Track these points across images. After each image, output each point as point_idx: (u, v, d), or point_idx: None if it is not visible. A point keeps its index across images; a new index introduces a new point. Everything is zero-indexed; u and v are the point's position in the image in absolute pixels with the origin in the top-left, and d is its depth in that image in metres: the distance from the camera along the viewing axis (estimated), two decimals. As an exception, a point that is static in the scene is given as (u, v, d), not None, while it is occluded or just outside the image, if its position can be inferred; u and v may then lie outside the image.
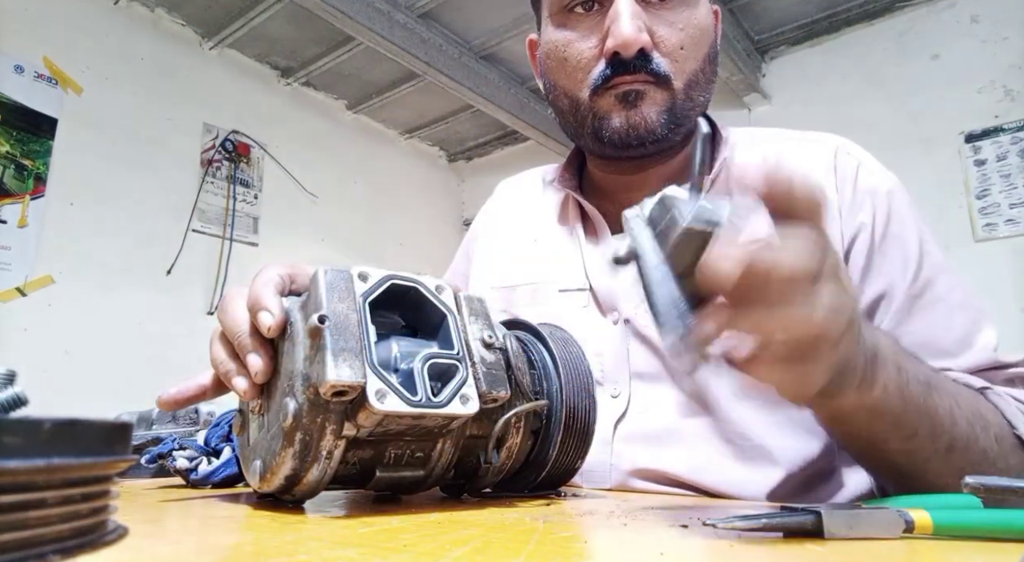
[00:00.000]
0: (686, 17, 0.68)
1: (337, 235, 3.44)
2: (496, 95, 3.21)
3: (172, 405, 0.47)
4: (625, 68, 0.65)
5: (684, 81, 0.67)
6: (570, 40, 0.69)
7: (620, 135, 0.67)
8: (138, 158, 2.68)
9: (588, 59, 0.68)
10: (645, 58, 0.65)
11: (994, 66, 2.63)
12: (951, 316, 0.62)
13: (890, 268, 0.64)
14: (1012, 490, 0.32)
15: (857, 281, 0.64)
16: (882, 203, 0.67)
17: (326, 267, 0.39)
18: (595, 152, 0.74)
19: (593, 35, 0.68)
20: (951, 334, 0.61)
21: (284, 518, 0.36)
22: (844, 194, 0.68)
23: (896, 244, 0.65)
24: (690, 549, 0.29)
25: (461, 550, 0.26)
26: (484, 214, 0.95)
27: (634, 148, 0.68)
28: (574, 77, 0.69)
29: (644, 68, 0.65)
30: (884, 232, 0.65)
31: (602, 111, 0.68)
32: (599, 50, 0.67)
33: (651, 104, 0.66)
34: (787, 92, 3.09)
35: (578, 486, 0.65)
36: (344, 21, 2.59)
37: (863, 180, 0.68)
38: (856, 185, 0.68)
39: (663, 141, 0.68)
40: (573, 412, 0.49)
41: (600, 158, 0.75)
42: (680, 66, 0.67)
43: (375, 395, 0.36)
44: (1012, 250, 2.50)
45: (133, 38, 2.75)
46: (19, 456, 0.21)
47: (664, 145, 0.69)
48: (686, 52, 0.67)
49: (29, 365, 2.23)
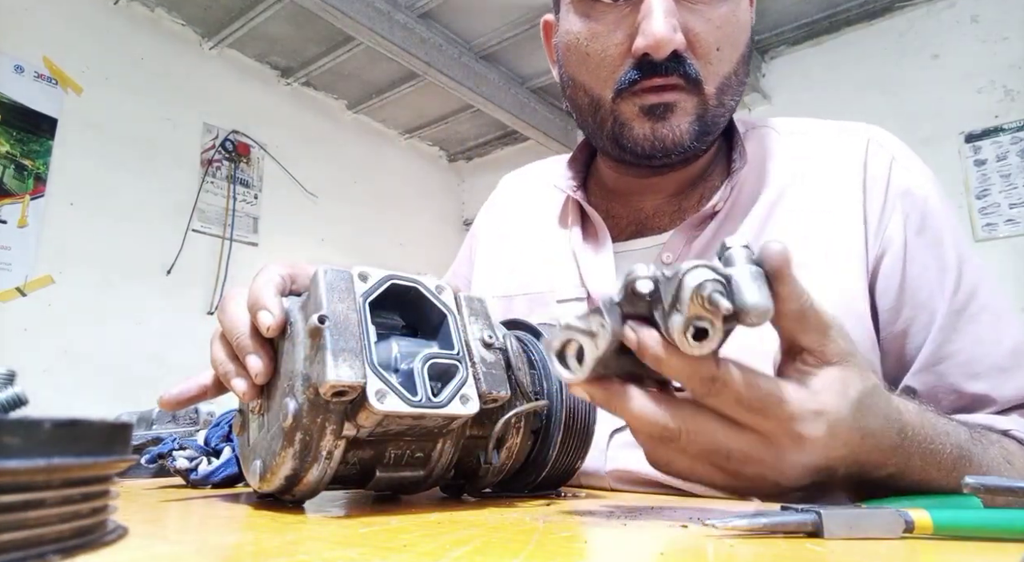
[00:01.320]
0: (726, 13, 0.60)
1: (337, 235, 3.44)
2: (496, 95, 3.21)
3: (174, 405, 0.47)
4: (655, 70, 0.59)
5: (717, 85, 0.61)
6: (595, 33, 0.62)
7: (643, 146, 0.62)
8: (138, 158, 2.68)
9: (614, 57, 0.61)
10: (678, 60, 0.58)
11: (994, 66, 2.63)
12: (999, 325, 0.58)
13: (928, 283, 0.59)
14: (1012, 490, 0.32)
15: (892, 301, 0.60)
16: (916, 208, 0.62)
17: (326, 267, 0.39)
18: (612, 156, 0.69)
19: (620, 29, 0.60)
20: (1002, 346, 0.57)
21: (284, 518, 0.36)
22: (874, 197, 0.63)
23: (933, 254, 0.60)
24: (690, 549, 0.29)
25: (461, 550, 0.26)
26: (486, 212, 0.92)
27: (658, 160, 0.63)
28: (597, 74, 0.63)
29: (676, 70, 0.59)
30: (918, 241, 0.61)
31: (624, 117, 0.62)
32: (627, 47, 0.60)
33: (681, 114, 0.61)
34: (787, 92, 3.09)
35: (578, 486, 0.65)
36: (344, 21, 2.59)
37: (896, 179, 0.63)
38: (888, 186, 0.63)
39: (690, 152, 0.63)
40: (573, 412, 0.48)
41: (616, 161, 0.70)
42: (714, 69, 0.60)
43: (375, 395, 0.36)
44: (1012, 250, 2.50)
45: (133, 38, 2.75)
46: (19, 456, 0.21)
47: (690, 154, 0.64)
48: (722, 53, 0.60)
49: (29, 365, 2.23)
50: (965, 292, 0.59)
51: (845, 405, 0.36)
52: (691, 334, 0.32)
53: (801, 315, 0.36)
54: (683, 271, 0.32)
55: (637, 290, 0.34)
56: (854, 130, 0.68)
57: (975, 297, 0.59)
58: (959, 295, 0.59)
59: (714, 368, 0.34)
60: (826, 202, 0.64)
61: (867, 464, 0.38)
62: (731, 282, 0.33)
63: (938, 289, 0.59)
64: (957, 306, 0.59)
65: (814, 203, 0.64)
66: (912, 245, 0.61)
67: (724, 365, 0.34)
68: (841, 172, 0.65)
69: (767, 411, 0.35)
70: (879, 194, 0.63)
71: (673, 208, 0.70)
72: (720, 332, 0.32)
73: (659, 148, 0.61)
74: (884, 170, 0.64)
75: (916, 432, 0.41)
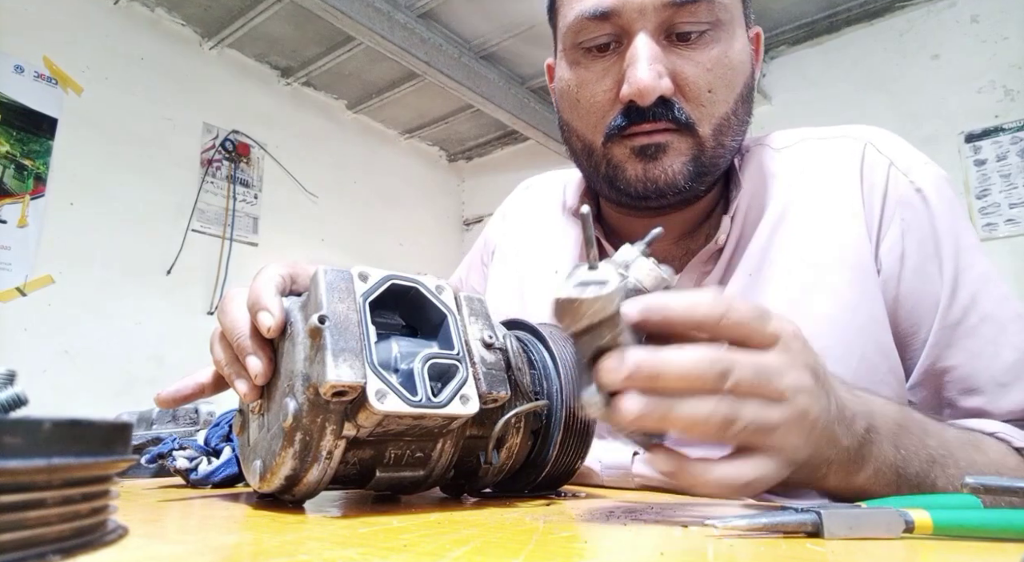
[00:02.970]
0: (716, 56, 0.59)
1: (337, 235, 3.44)
2: (496, 95, 3.21)
3: (170, 403, 0.47)
4: (642, 116, 0.58)
5: (712, 126, 0.60)
6: (584, 81, 0.62)
7: (636, 187, 0.61)
8: (138, 158, 2.68)
9: (603, 104, 0.61)
10: (666, 105, 0.58)
11: (994, 66, 2.63)
12: (1002, 336, 0.57)
13: (926, 297, 0.58)
14: (1012, 490, 0.32)
15: (891, 315, 0.59)
16: (915, 216, 0.60)
17: (326, 267, 0.39)
18: (610, 199, 0.68)
19: (608, 77, 0.60)
20: (1001, 360, 0.56)
21: (284, 518, 0.36)
22: (871, 208, 0.61)
23: (932, 266, 0.59)
24: (690, 549, 0.29)
25: (461, 550, 0.26)
26: (502, 219, 0.89)
27: (652, 200, 0.62)
28: (587, 120, 0.63)
29: (664, 116, 0.58)
30: (917, 253, 0.59)
31: (616, 159, 0.61)
32: (615, 94, 0.60)
33: (674, 155, 0.59)
34: (787, 92, 3.09)
35: (578, 486, 0.65)
36: (344, 21, 2.59)
37: (894, 187, 0.62)
38: (886, 195, 0.61)
39: (686, 193, 0.61)
40: (573, 412, 0.48)
41: (615, 204, 0.68)
42: (708, 111, 0.59)
43: (375, 395, 0.36)
44: (1012, 250, 2.50)
45: (133, 38, 2.75)
46: (19, 456, 0.21)
47: (687, 196, 0.62)
48: (715, 95, 0.59)
49: (29, 365, 2.23)
50: (962, 304, 0.58)
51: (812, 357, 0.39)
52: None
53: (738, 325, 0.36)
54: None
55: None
56: (852, 136, 0.67)
57: (975, 307, 0.58)
58: (954, 309, 0.58)
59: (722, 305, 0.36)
60: (829, 216, 0.63)
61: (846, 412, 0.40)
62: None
63: (933, 303, 0.58)
64: (952, 320, 0.57)
65: (817, 218, 0.63)
66: (910, 257, 0.60)
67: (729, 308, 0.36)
68: (839, 183, 0.64)
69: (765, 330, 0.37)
70: (877, 205, 0.62)
71: (682, 251, 0.68)
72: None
73: (652, 189, 0.60)
74: (881, 178, 0.62)
75: (889, 425, 0.44)
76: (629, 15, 0.58)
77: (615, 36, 0.60)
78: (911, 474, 0.44)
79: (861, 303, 0.59)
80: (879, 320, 0.59)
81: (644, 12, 0.57)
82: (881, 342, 0.59)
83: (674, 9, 0.57)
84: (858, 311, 0.58)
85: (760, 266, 0.63)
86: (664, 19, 0.58)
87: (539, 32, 2.77)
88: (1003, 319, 0.57)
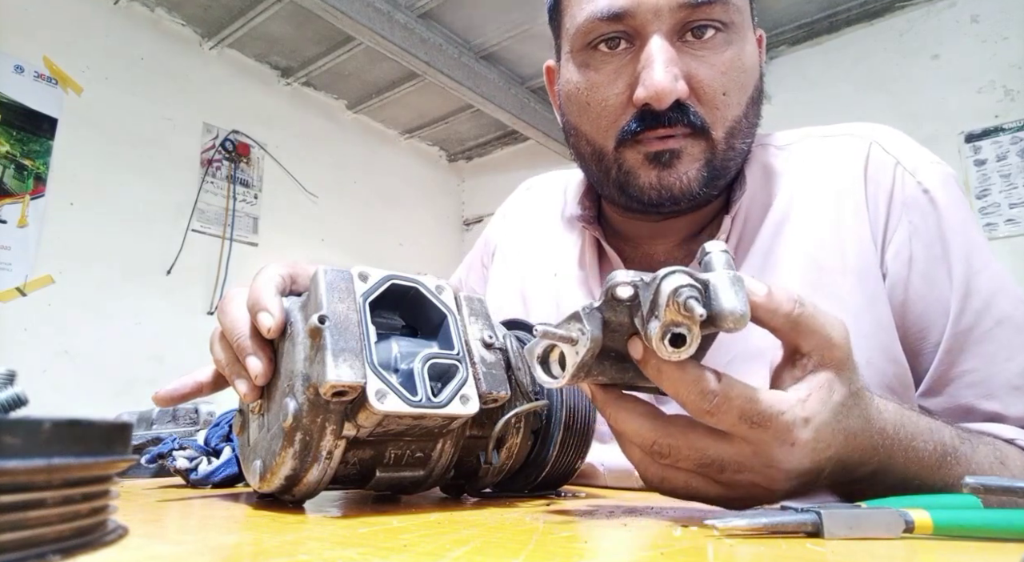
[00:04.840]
0: (731, 58, 0.58)
1: (337, 235, 3.44)
2: (496, 95, 3.21)
3: (168, 401, 0.47)
4: (658, 120, 0.57)
5: (725, 130, 0.59)
6: (595, 83, 0.60)
7: (650, 195, 0.59)
8: (138, 158, 2.68)
9: (615, 107, 0.59)
10: (681, 109, 0.56)
11: (994, 66, 2.63)
12: (1015, 340, 0.56)
13: (936, 301, 0.57)
14: (1012, 490, 0.31)
15: (899, 320, 0.58)
16: (923, 218, 0.59)
17: (326, 267, 0.39)
18: (620, 205, 0.66)
19: (620, 79, 0.58)
20: (1016, 363, 0.55)
21: (284, 518, 0.36)
22: (877, 210, 0.60)
23: (941, 269, 0.58)
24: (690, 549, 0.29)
25: (461, 550, 0.26)
26: (503, 219, 0.88)
27: (666, 207, 0.60)
28: (598, 125, 0.61)
29: (680, 121, 0.56)
30: (925, 256, 0.58)
31: (629, 165, 0.60)
32: (628, 97, 0.58)
33: (689, 161, 0.58)
34: (787, 92, 3.09)
35: (578, 486, 0.64)
36: (344, 21, 2.59)
37: (900, 188, 0.60)
38: (892, 197, 0.60)
39: (699, 199, 0.60)
40: (573, 412, 0.49)
41: (623, 209, 0.67)
42: (722, 114, 0.58)
43: (375, 395, 0.36)
44: (1012, 250, 2.50)
45: (133, 38, 2.75)
46: (19, 456, 0.21)
47: (700, 201, 0.61)
48: (729, 98, 0.58)
49: (29, 365, 2.23)
50: (974, 308, 0.57)
51: (827, 409, 0.36)
52: (668, 340, 0.32)
53: (794, 323, 0.36)
54: (660, 277, 0.32)
55: (617, 296, 0.33)
56: (856, 134, 0.66)
57: (989, 311, 0.56)
58: (967, 313, 0.57)
59: (715, 382, 0.34)
60: (833, 217, 0.62)
61: (849, 463, 0.39)
62: (708, 288, 0.32)
63: (943, 308, 0.57)
64: (965, 325, 0.56)
65: (821, 220, 0.62)
66: (918, 261, 0.58)
67: (726, 379, 0.34)
68: (843, 183, 0.63)
69: (766, 424, 0.35)
70: (883, 206, 0.60)
71: (684, 253, 0.67)
72: (697, 338, 0.32)
73: (667, 196, 0.59)
74: (887, 178, 0.61)
75: (897, 430, 0.41)
76: (644, 16, 0.56)
77: (627, 37, 0.58)
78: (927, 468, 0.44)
79: (866, 308, 0.58)
80: (885, 326, 0.58)
81: (659, 13, 0.56)
82: (888, 348, 0.58)
83: (689, 10, 0.56)
84: (863, 317, 0.57)
85: (763, 268, 0.62)
86: (679, 20, 0.56)
87: (539, 32, 2.77)
88: (1018, 323, 0.56)
